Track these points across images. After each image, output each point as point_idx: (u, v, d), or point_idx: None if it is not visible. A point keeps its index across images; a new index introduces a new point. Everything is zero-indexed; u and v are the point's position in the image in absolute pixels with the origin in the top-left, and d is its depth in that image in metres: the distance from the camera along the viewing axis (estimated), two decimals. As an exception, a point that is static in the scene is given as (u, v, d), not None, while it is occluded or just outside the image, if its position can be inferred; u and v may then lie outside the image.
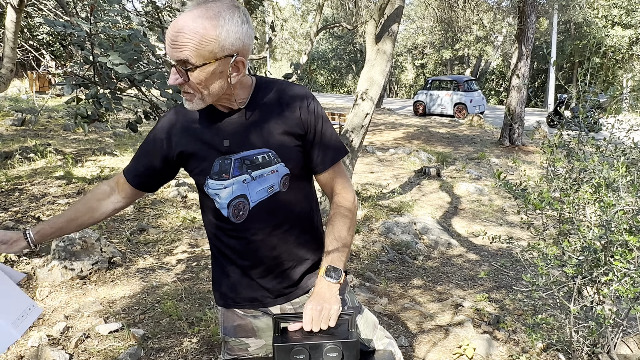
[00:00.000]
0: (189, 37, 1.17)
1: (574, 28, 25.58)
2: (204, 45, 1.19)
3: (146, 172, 1.49)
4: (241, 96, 1.37)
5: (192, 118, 1.41)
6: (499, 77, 32.70)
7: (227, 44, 1.22)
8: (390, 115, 18.56)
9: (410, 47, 32.84)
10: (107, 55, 1.92)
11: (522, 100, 12.17)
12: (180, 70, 1.21)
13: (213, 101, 1.31)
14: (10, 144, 8.05)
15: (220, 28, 1.20)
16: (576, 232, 2.23)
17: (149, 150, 1.46)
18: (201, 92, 1.26)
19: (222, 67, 1.24)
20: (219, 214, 1.41)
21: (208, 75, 1.23)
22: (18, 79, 15.39)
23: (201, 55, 1.19)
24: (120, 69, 1.95)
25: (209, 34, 1.19)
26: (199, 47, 1.18)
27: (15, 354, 2.88)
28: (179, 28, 1.18)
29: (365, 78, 5.65)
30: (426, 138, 13.25)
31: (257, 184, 1.38)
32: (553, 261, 2.12)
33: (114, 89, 2.22)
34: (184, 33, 1.17)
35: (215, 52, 1.21)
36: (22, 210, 5.20)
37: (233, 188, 1.37)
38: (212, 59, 1.21)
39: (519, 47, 11.84)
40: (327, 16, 26.10)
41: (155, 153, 1.45)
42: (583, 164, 2.18)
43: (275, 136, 1.37)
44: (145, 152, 1.48)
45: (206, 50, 1.20)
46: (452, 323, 3.42)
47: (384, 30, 5.69)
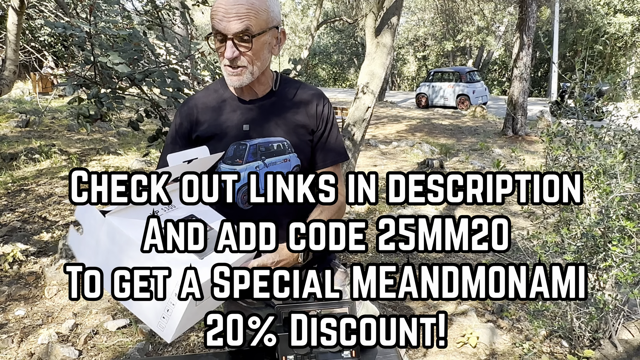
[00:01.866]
0: (248, 7, 1.26)
1: (575, 16, 25.44)
2: (261, 14, 1.28)
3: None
4: (265, 84, 1.44)
5: (213, 102, 1.46)
6: (501, 67, 32.57)
7: (274, 15, 1.32)
8: (393, 108, 18.53)
9: (412, 39, 32.74)
10: (107, 55, 1.95)
11: (525, 90, 12.12)
12: (237, 43, 1.28)
13: (258, 76, 1.37)
14: (15, 146, 8.11)
15: (268, 0, 1.30)
16: (575, 219, 2.26)
17: (174, 138, 1.50)
18: (253, 64, 1.33)
19: (270, 38, 1.34)
20: (227, 199, 1.45)
21: (262, 45, 1.32)
22: (21, 80, 15.46)
23: (258, 25, 1.28)
24: (120, 68, 1.98)
25: (262, 4, 1.28)
26: (257, 17, 1.27)
27: (26, 351, 2.93)
28: (234, 1, 1.25)
29: (366, 72, 5.65)
30: (429, 130, 13.24)
31: (268, 172, 1.42)
32: (553, 248, 2.15)
33: (115, 89, 2.25)
34: (242, 4, 1.25)
35: (268, 21, 1.30)
36: (28, 211, 5.26)
37: (245, 174, 1.41)
38: (266, 27, 1.30)
39: (521, 37, 11.79)
40: (328, 10, 26.05)
41: (180, 139, 1.48)
42: (580, 151, 2.20)
43: (291, 127, 1.43)
44: (172, 141, 1.51)
45: (262, 19, 1.29)
46: (455, 312, 3.45)
47: (384, 23, 5.69)
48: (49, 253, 4.17)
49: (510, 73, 13.13)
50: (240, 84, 1.35)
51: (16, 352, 2.93)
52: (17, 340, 3.02)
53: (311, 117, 1.45)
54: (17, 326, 3.19)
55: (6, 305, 3.44)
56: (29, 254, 4.12)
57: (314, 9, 15.98)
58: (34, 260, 4.03)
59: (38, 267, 3.94)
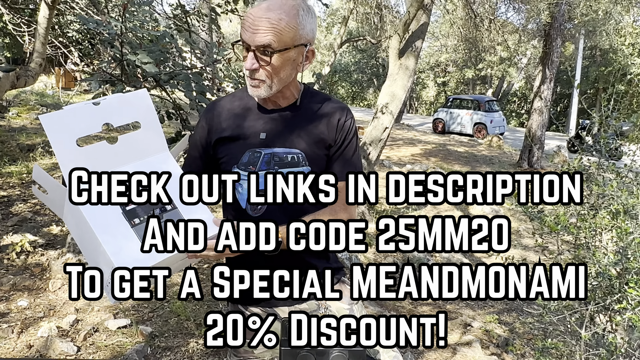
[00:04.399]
0: (274, 23, 1.25)
1: (599, 54, 25.37)
2: (287, 31, 1.27)
3: (202, 167, 1.51)
4: (289, 97, 1.43)
5: (237, 109, 1.46)
6: (521, 99, 32.51)
7: (304, 32, 1.31)
8: (409, 131, 18.53)
9: (433, 65, 32.83)
10: (135, 54, 1.97)
11: (544, 124, 12.07)
12: (259, 56, 1.28)
13: (277, 90, 1.36)
14: (33, 137, 8.20)
15: (300, 17, 1.28)
16: (591, 257, 2.21)
17: (195, 142, 1.50)
18: (272, 79, 1.32)
19: (296, 55, 1.33)
20: (238, 206, 1.44)
21: (284, 62, 1.30)
22: (45, 74, 15.71)
23: (282, 41, 1.27)
24: (148, 67, 2.00)
25: (291, 21, 1.27)
26: (282, 33, 1.26)
27: (25, 342, 2.92)
28: (263, 13, 1.25)
29: (387, 92, 5.66)
30: (444, 156, 13.20)
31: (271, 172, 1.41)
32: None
33: (139, 87, 2.26)
34: (269, 18, 1.25)
35: (295, 39, 1.29)
36: (40, 203, 5.29)
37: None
38: (291, 45, 1.29)
39: (543, 70, 11.78)
40: (352, 29, 26.23)
41: (201, 143, 1.49)
42: (602, 188, 2.16)
43: (310, 139, 1.42)
44: (193, 145, 1.51)
45: (288, 37, 1.27)
46: (460, 342, 3.39)
47: (408, 46, 5.71)
48: (56, 246, 4.17)
49: (530, 106, 13.09)
50: (258, 95, 1.36)
51: (15, 343, 2.92)
52: (17, 331, 3.01)
53: (331, 128, 1.43)
54: (18, 317, 3.18)
55: (9, 295, 3.44)
56: (36, 246, 4.13)
57: (338, 26, 16.11)
58: (41, 252, 4.04)
59: (45, 260, 3.94)
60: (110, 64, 2.27)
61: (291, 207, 1.42)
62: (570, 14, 12.26)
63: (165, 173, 1.27)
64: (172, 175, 1.28)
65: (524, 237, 6.70)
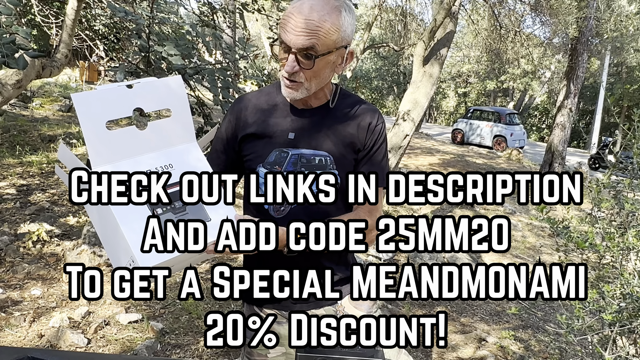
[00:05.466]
0: (318, 26, 1.20)
1: (625, 71, 25.00)
2: (330, 34, 1.22)
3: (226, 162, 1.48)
4: (321, 98, 1.39)
5: (265, 105, 1.42)
6: (542, 114, 32.15)
7: (346, 35, 1.26)
8: (428, 140, 18.39)
9: (455, 75, 32.63)
10: (162, 45, 1.95)
11: (566, 139, 11.90)
12: (300, 59, 1.23)
13: (314, 92, 1.32)
14: (55, 129, 8.28)
15: (342, 18, 1.24)
16: (618, 277, 2.13)
17: (222, 138, 1.47)
18: (310, 82, 1.28)
19: (336, 57, 1.29)
20: (261, 206, 1.40)
21: (325, 65, 1.26)
22: (70, 67, 15.90)
23: (325, 45, 1.22)
24: (174, 59, 1.98)
25: (335, 23, 1.22)
26: (326, 36, 1.21)
27: (37, 332, 2.92)
28: (306, 15, 1.20)
29: (409, 99, 5.61)
30: (462, 167, 13.07)
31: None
32: (592, 304, 2.03)
33: (165, 80, 2.25)
34: (313, 21, 1.20)
35: (337, 41, 1.25)
36: (58, 193, 5.32)
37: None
38: (333, 48, 1.25)
39: (567, 85, 11.61)
40: (375, 36, 26.20)
41: (227, 138, 1.45)
42: (634, 206, 2.09)
43: (339, 144, 1.37)
44: (220, 141, 1.47)
45: (331, 40, 1.23)
46: (474, 357, 3.32)
47: (433, 53, 5.66)
48: (72, 237, 4.18)
49: (552, 120, 12.91)
50: (293, 97, 1.32)
51: (26, 332, 2.91)
52: (30, 320, 3.01)
53: (361, 130, 1.39)
54: (31, 305, 3.19)
55: (24, 283, 3.45)
56: (53, 235, 4.14)
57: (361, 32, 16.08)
58: (57, 242, 4.05)
59: (60, 250, 3.95)
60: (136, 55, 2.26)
61: (314, 209, 1.38)
62: (598, 29, 12.09)
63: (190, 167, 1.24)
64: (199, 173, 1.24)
65: (543, 253, 6.59)
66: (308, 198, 1.36)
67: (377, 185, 1.39)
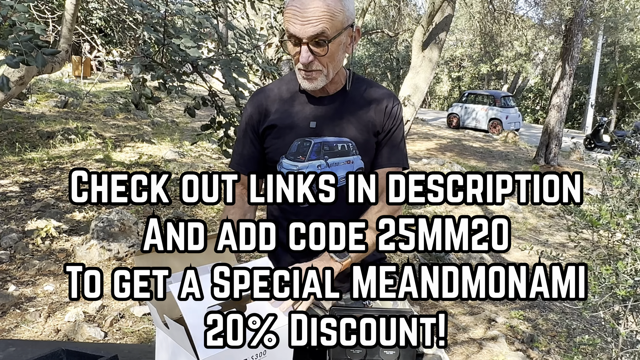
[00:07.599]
0: (324, 10, 1.19)
1: (619, 51, 25.03)
2: (337, 15, 1.22)
3: (250, 154, 1.47)
4: (337, 83, 1.39)
5: (285, 94, 1.42)
6: (536, 95, 32.16)
7: (349, 13, 1.26)
8: (424, 126, 18.42)
9: (448, 59, 32.55)
10: (179, 37, 1.94)
11: (562, 120, 11.93)
12: (312, 48, 1.23)
13: (331, 78, 1.32)
14: (52, 125, 8.24)
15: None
16: (631, 253, 2.16)
17: (245, 131, 1.47)
18: (328, 68, 1.28)
19: (345, 37, 1.28)
20: (286, 195, 1.41)
21: (337, 47, 1.26)
22: (62, 62, 15.80)
23: (334, 27, 1.22)
24: (191, 52, 1.98)
25: (337, 4, 1.22)
26: (334, 19, 1.21)
27: (53, 327, 2.94)
28: (309, 3, 1.19)
29: (409, 84, 5.61)
30: (459, 151, 13.10)
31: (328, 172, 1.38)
32: (608, 280, 2.06)
33: (179, 72, 2.24)
34: (317, 7, 1.19)
35: (344, 21, 1.24)
36: (62, 189, 5.31)
37: (306, 171, 1.37)
38: (341, 28, 1.24)
39: (563, 66, 11.62)
40: (367, 22, 26.07)
41: (250, 131, 1.45)
42: (647, 183, 2.12)
43: (359, 129, 1.38)
44: (243, 134, 1.47)
45: (338, 21, 1.22)
46: (485, 337, 3.36)
47: (432, 38, 5.65)
48: (80, 232, 4.19)
49: (548, 102, 12.94)
50: (314, 87, 1.32)
51: (43, 327, 2.93)
52: (45, 315, 3.03)
53: (379, 113, 1.39)
54: (45, 301, 3.20)
55: (36, 279, 3.46)
56: (61, 231, 4.15)
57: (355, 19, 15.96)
58: (66, 238, 4.06)
59: (69, 245, 3.96)
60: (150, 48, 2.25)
61: (339, 207, 1.39)
62: (592, 9, 12.08)
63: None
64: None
65: (543, 234, 6.64)
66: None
67: (401, 166, 1.41)
